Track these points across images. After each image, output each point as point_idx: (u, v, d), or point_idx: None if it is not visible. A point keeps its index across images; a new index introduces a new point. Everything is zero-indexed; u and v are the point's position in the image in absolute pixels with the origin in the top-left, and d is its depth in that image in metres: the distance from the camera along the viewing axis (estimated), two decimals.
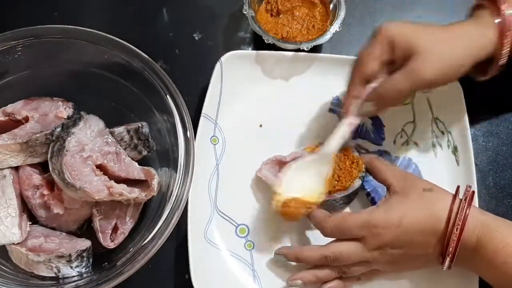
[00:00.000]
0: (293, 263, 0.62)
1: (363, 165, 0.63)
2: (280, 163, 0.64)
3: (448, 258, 0.54)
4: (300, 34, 0.71)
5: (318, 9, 0.72)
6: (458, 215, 0.54)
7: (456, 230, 0.53)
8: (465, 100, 0.67)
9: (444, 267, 0.55)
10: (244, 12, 0.68)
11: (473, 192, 0.57)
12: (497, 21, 0.58)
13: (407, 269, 0.60)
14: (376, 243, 0.56)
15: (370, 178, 0.66)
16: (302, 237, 0.64)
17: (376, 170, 0.62)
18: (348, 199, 0.63)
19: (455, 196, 0.56)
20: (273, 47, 0.69)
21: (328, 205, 0.62)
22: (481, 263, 0.54)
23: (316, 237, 0.64)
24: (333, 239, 0.58)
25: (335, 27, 0.68)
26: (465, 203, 0.55)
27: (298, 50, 0.68)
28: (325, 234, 0.59)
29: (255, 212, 0.65)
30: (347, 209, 0.65)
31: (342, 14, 0.68)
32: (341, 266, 0.58)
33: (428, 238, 0.55)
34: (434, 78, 0.57)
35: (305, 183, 0.61)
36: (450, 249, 0.54)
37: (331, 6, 0.70)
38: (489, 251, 0.53)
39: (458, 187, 0.58)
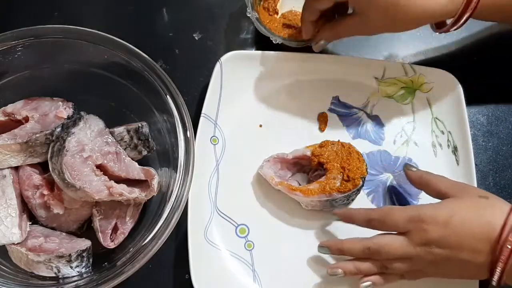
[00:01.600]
0: (296, 264, 0.62)
1: (366, 166, 0.63)
2: (282, 161, 0.65)
3: (498, 269, 0.51)
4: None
5: None
6: None
7: (511, 239, 0.50)
8: (465, 100, 0.67)
9: (494, 280, 0.51)
10: (248, 15, 0.68)
11: None
12: None
13: (452, 275, 0.56)
14: (422, 239, 0.53)
15: (371, 178, 0.66)
16: (303, 237, 0.64)
17: (427, 184, 0.59)
18: (348, 199, 0.63)
19: None
20: (274, 47, 0.69)
21: (328, 205, 0.62)
22: None
23: (319, 237, 0.64)
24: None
25: None
26: None
27: (306, 47, 0.68)
28: (370, 225, 0.57)
29: (255, 212, 0.65)
30: None
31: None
32: (383, 261, 0.56)
33: (479, 244, 0.52)
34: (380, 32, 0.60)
35: None
36: (503, 258, 0.50)
37: None
38: None
39: None
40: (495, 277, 0.51)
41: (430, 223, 0.53)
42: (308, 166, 0.65)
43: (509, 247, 0.50)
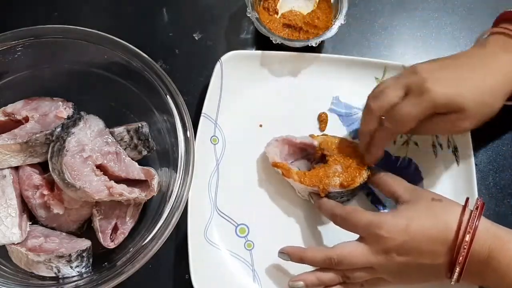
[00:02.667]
0: (296, 264, 0.62)
1: (368, 172, 0.62)
2: (290, 144, 0.65)
3: (457, 269, 0.52)
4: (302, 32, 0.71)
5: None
6: (469, 224, 0.52)
7: (467, 239, 0.51)
8: None
9: (453, 280, 0.53)
10: (248, 15, 0.68)
11: (483, 203, 0.55)
12: None
13: (414, 281, 0.57)
14: (382, 246, 0.54)
15: None
16: (303, 237, 0.64)
17: (383, 184, 0.61)
18: (352, 193, 0.63)
19: (465, 207, 0.55)
20: (274, 47, 0.69)
21: (331, 197, 0.62)
22: (494, 276, 0.52)
23: (318, 237, 0.64)
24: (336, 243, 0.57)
25: (340, 20, 0.68)
26: (476, 212, 0.53)
27: (306, 47, 0.68)
28: (333, 219, 0.59)
29: (255, 212, 0.65)
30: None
31: (345, 6, 0.68)
32: (345, 271, 0.57)
33: (437, 247, 0.53)
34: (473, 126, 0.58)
35: None
36: (460, 259, 0.52)
37: (332, 0, 0.70)
38: (502, 264, 0.51)
39: (468, 199, 0.56)
40: (454, 278, 0.53)
41: (389, 231, 0.54)
42: (312, 155, 0.65)
43: (465, 248, 0.52)
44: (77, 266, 0.56)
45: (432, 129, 0.59)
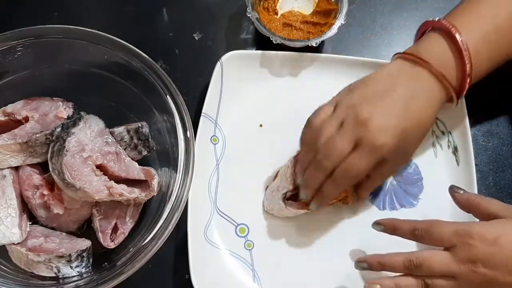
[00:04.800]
0: (296, 264, 0.62)
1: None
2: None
3: None
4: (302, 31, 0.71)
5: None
6: None
7: None
8: (465, 100, 0.67)
9: None
10: (248, 15, 0.68)
11: None
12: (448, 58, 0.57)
13: None
14: (467, 255, 0.50)
15: None
16: (303, 237, 0.64)
17: (477, 207, 0.56)
18: None
19: None
20: (274, 47, 0.69)
21: None
22: None
23: (318, 237, 0.64)
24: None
25: (340, 20, 0.68)
26: None
27: (306, 47, 0.68)
28: (414, 235, 0.54)
29: (255, 211, 0.65)
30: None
31: (345, 6, 0.68)
32: (425, 277, 0.52)
33: None
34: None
35: None
36: None
37: (332, 0, 0.71)
38: None
39: None
40: None
41: (478, 239, 0.50)
42: None
43: None
44: (77, 266, 0.56)
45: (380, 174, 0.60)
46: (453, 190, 0.59)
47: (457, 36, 0.56)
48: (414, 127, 0.56)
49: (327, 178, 0.57)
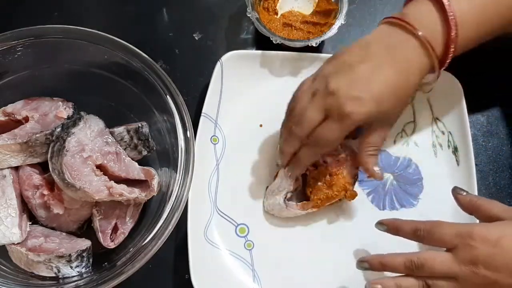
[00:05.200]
0: (296, 264, 0.62)
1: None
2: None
3: None
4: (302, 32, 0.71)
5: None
6: None
7: None
8: (465, 100, 0.67)
9: None
10: (249, 15, 0.68)
11: None
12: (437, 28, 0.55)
13: None
14: (468, 256, 0.50)
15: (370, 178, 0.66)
16: (303, 237, 0.64)
17: (479, 209, 0.56)
18: None
19: None
20: (274, 47, 0.69)
21: None
22: None
23: (318, 237, 0.64)
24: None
25: (340, 20, 0.68)
26: None
27: (306, 47, 0.68)
28: (416, 235, 0.55)
29: (255, 211, 0.65)
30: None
31: (345, 6, 0.68)
32: (426, 278, 0.52)
33: None
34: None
35: None
36: None
37: (332, 0, 0.71)
38: None
39: None
40: None
41: (479, 240, 0.50)
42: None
43: None
44: (77, 266, 0.56)
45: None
46: (456, 191, 0.59)
47: (445, 0, 0.55)
48: (390, 95, 0.56)
49: (302, 146, 0.59)
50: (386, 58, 0.56)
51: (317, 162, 0.62)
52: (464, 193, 0.58)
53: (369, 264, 0.56)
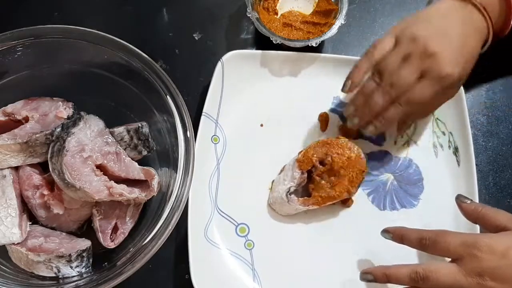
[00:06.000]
0: (295, 264, 0.62)
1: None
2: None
3: None
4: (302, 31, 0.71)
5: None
6: None
7: None
8: (465, 100, 0.67)
9: None
10: (249, 15, 0.68)
11: None
12: None
13: None
14: (475, 267, 0.50)
15: (371, 178, 0.66)
16: (303, 237, 0.64)
17: (484, 218, 0.55)
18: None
19: None
20: (274, 47, 0.69)
21: None
22: None
23: (318, 237, 0.64)
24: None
25: (340, 20, 0.68)
26: None
27: (306, 47, 0.68)
28: (421, 244, 0.54)
29: (255, 211, 0.65)
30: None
31: (345, 6, 0.68)
32: None
33: None
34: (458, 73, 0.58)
35: None
36: None
37: (332, 0, 0.71)
38: None
39: None
40: None
41: (486, 251, 0.50)
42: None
43: None
44: (77, 266, 0.56)
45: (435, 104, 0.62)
46: (460, 199, 0.58)
47: None
48: (467, 62, 0.59)
49: (389, 105, 0.59)
50: (465, 29, 0.58)
51: (324, 160, 0.62)
52: (468, 201, 0.57)
53: (373, 275, 0.56)
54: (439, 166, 0.67)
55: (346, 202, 0.64)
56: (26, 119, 0.60)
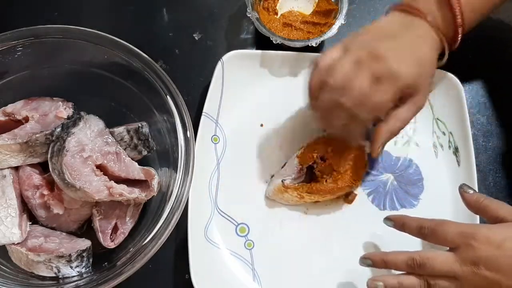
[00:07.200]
0: (295, 264, 0.62)
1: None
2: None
3: None
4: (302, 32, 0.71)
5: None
6: None
7: None
8: (465, 100, 0.67)
9: None
10: (248, 15, 0.68)
11: None
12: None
13: None
14: (470, 256, 0.51)
15: (371, 178, 0.66)
16: (303, 236, 0.64)
17: (484, 209, 0.56)
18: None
19: None
20: (274, 47, 0.69)
21: None
22: None
23: (318, 236, 0.64)
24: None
25: (340, 20, 0.68)
26: None
27: (306, 47, 0.68)
28: (421, 232, 0.55)
29: (256, 211, 0.65)
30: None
31: (345, 6, 0.68)
32: (427, 277, 0.53)
33: None
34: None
35: None
36: None
37: (332, 0, 0.71)
38: None
39: None
40: None
41: (482, 242, 0.51)
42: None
43: None
44: (77, 266, 0.56)
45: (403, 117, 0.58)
46: (463, 189, 0.58)
47: None
48: (422, 66, 0.56)
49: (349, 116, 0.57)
50: (413, 36, 0.57)
51: (325, 155, 0.63)
52: (471, 191, 0.58)
53: (371, 260, 0.57)
54: (439, 166, 0.67)
55: (348, 196, 0.64)
56: (26, 119, 0.60)
